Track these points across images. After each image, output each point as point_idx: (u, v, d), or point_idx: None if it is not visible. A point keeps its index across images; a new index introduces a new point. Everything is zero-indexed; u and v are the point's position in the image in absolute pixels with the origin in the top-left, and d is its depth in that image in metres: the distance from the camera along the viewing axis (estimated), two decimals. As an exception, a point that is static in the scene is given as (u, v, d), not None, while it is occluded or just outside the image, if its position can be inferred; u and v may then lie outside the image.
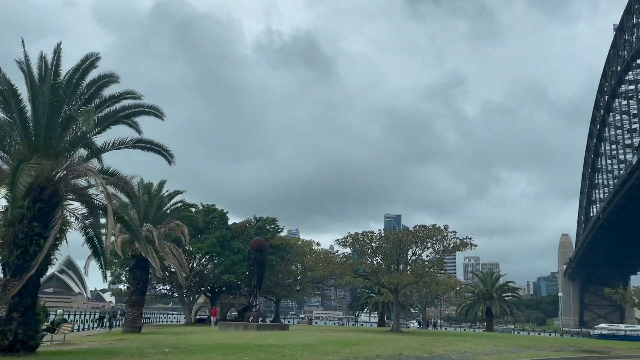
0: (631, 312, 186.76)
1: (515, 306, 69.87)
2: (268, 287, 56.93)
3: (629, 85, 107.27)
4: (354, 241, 40.30)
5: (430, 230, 38.86)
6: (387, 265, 40.59)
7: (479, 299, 67.53)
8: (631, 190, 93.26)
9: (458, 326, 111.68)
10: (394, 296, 41.37)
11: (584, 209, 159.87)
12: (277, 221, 58.05)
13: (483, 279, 69.96)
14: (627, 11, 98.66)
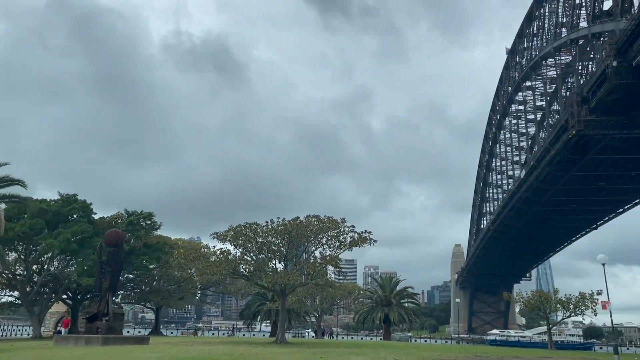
0: (514, 318, 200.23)
1: (414, 313, 68.70)
2: (144, 295, 51.48)
3: (518, 105, 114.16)
4: (236, 235, 34.66)
5: (325, 223, 34.42)
6: (274, 263, 35.91)
7: (377, 306, 65.47)
8: (518, 203, 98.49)
9: (356, 335, 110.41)
10: (281, 300, 36.97)
11: (475, 221, 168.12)
12: (153, 216, 51.16)
13: (382, 284, 67.92)
14: (519, 35, 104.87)
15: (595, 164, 73.40)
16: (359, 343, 45.86)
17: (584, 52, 69.56)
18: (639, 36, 43.64)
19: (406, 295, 68.90)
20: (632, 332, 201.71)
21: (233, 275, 36.84)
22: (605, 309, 23.51)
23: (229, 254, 35.36)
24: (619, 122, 54.52)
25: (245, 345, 30.40)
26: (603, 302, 23.87)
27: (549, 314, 40.09)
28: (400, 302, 66.05)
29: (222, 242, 35.53)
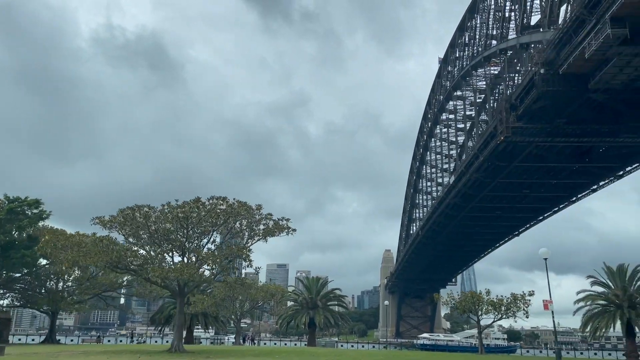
0: (439, 322, 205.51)
1: (341, 316, 65.73)
2: (33, 297, 45.46)
3: (449, 114, 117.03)
4: (125, 220, 28.74)
5: (234, 208, 29.21)
6: (171, 255, 30.05)
7: (302, 309, 61.96)
8: (447, 208, 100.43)
9: (280, 340, 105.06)
10: (178, 301, 31.56)
11: (405, 227, 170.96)
12: (41, 204, 44.28)
13: (308, 286, 64.15)
14: (452, 45, 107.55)
15: (520, 172, 75.79)
16: (276, 350, 42.10)
17: (512, 64, 71.84)
18: (565, 46, 45.00)
19: (333, 298, 66.08)
20: (547, 335, 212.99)
21: (117, 269, 30.94)
22: (547, 309, 22.81)
23: (111, 242, 29.55)
24: (544, 130, 56.22)
25: (128, 355, 26.91)
26: (545, 302, 23.14)
27: (480, 316, 39.24)
28: (327, 305, 63.28)
29: (108, 229, 29.89)
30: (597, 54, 39.92)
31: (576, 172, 75.59)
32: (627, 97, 50.56)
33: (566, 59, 44.64)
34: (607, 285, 36.47)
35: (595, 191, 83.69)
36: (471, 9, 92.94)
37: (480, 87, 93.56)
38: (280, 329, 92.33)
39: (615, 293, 34.57)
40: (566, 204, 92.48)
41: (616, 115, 54.36)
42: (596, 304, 37.05)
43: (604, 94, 49.57)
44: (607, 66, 42.01)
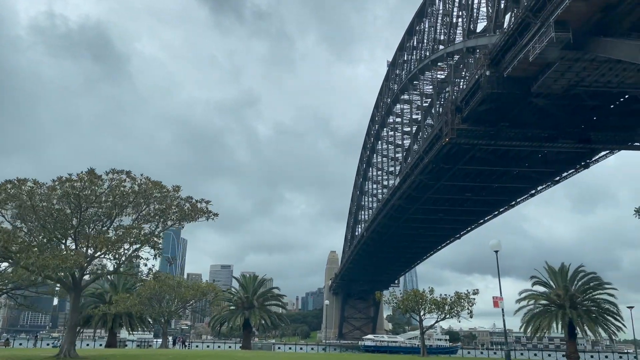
0: (382, 323, 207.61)
1: (279, 317, 62.03)
2: None
3: (396, 117, 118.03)
4: (7, 197, 23.92)
5: (143, 186, 25.25)
6: (63, 241, 25.60)
7: (237, 309, 57.60)
8: (391, 210, 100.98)
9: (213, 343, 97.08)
10: (71, 296, 27.08)
11: (351, 228, 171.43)
12: None
13: (244, 285, 59.60)
14: (400, 48, 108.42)
15: (463, 175, 76.98)
16: (200, 354, 38.71)
17: (458, 69, 72.89)
18: (510, 48, 45.61)
19: (271, 297, 62.39)
20: (484, 335, 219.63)
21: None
22: (497, 306, 21.76)
23: None
24: (488, 132, 57.00)
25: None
26: (495, 298, 21.84)
27: (423, 316, 38.22)
28: (265, 305, 59.56)
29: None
30: (540, 58, 40.52)
31: (516, 176, 77.49)
32: (566, 103, 52.00)
33: (511, 61, 45.25)
34: (549, 285, 36.52)
35: (534, 196, 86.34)
36: (420, 13, 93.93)
37: (427, 92, 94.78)
38: (212, 330, 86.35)
39: (557, 293, 34.66)
40: (506, 208, 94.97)
41: (555, 121, 55.80)
42: (538, 304, 36.93)
43: (545, 98, 50.71)
44: (550, 70, 42.82)
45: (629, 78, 44.92)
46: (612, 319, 34.61)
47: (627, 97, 52.08)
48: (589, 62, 40.95)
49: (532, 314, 36.79)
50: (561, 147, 59.35)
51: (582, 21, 37.06)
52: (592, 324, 33.45)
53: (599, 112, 54.91)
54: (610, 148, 60.54)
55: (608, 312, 34.54)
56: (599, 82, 45.87)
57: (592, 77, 44.89)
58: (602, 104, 52.75)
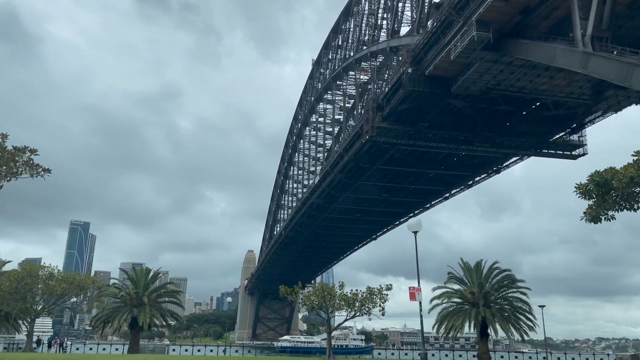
0: (297, 324, 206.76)
1: (174, 315, 55.29)
2: None
3: (319, 117, 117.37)
4: None
5: None
6: None
7: (124, 306, 50.33)
8: (310, 209, 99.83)
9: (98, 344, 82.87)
10: None
11: (269, 228, 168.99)
12: None
13: (134, 279, 52.10)
14: (325, 46, 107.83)
15: (381, 175, 77.16)
16: (67, 358, 34.28)
17: (381, 71, 73.04)
18: (433, 47, 45.56)
19: (166, 293, 55.53)
20: (395, 336, 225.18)
21: None
22: (414, 299, 19.45)
23: None
24: (407, 132, 57.03)
25: None
26: (412, 289, 19.25)
27: (332, 313, 35.85)
28: (158, 302, 53.27)
29: None
30: (461, 57, 40.57)
31: (432, 179, 78.88)
32: (483, 106, 53.00)
33: (433, 60, 45.20)
34: (464, 283, 35.93)
35: (447, 199, 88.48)
36: (346, 12, 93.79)
37: (350, 93, 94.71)
38: (94, 330, 73.92)
39: (471, 291, 33.94)
40: (421, 210, 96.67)
41: (472, 124, 56.83)
42: (452, 302, 36.07)
43: (463, 101, 51.34)
44: (469, 71, 43.09)
45: (541, 85, 46.33)
46: (524, 318, 34.55)
47: (538, 105, 53.91)
48: (506, 64, 41.57)
49: (445, 313, 35.69)
50: (476, 151, 60.57)
51: (502, 22, 37.40)
52: (505, 323, 33.08)
53: (512, 117, 56.55)
54: (521, 154, 62.66)
55: (521, 311, 34.52)
56: (514, 87, 46.95)
57: (509, 81, 45.83)
58: (516, 109, 54.30)
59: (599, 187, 11.23)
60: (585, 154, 60.21)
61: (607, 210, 11.59)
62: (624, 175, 10.89)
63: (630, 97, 46.19)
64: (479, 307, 32.20)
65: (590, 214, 12.04)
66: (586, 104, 50.06)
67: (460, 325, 32.85)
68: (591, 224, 12.48)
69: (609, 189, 11.29)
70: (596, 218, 12.19)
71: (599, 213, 11.70)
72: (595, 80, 45.28)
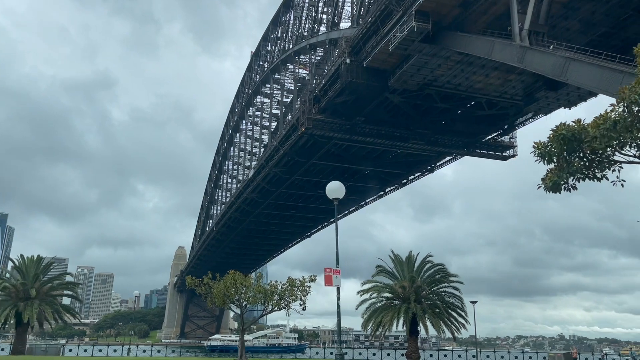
0: (227, 323, 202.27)
1: (70, 311, 50.12)
2: None
3: (256, 110, 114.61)
4: None
5: None
6: None
7: (10, 299, 44.54)
8: (244, 204, 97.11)
9: None
10: None
11: (202, 223, 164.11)
12: None
13: (22, 270, 46.10)
14: (264, 38, 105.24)
15: (317, 170, 75.87)
16: None
17: (320, 66, 71.74)
18: (372, 37, 44.57)
19: (60, 286, 50.14)
20: (326, 334, 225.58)
21: None
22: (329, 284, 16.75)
23: None
24: (344, 126, 55.92)
25: None
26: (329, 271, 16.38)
27: (245, 307, 32.03)
28: (52, 295, 47.91)
29: None
30: (400, 48, 39.77)
31: (368, 176, 78.48)
32: (420, 102, 52.76)
33: (372, 50, 44.21)
34: (395, 276, 34.20)
35: (382, 197, 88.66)
36: (286, 3, 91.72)
37: (288, 87, 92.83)
38: None
39: (402, 285, 32.22)
40: (356, 208, 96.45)
41: (408, 121, 56.57)
42: (381, 297, 34.11)
43: (401, 96, 50.82)
44: (407, 64, 42.43)
45: (477, 82, 46.52)
46: (456, 315, 33.17)
47: (473, 104, 54.32)
48: (444, 59, 41.21)
49: (374, 309, 33.63)
50: (411, 148, 60.46)
51: (442, 14, 36.91)
52: (437, 319, 31.58)
53: (448, 116, 56.83)
54: (455, 153, 63.24)
55: (453, 307, 33.13)
56: (450, 84, 46.88)
57: (445, 78, 45.65)
58: (451, 107, 54.48)
59: (565, 143, 9.43)
60: (515, 155, 61.61)
61: (572, 174, 9.71)
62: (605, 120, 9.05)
63: (559, 99, 47.32)
64: (409, 303, 30.50)
65: (551, 180, 10.06)
66: (518, 105, 50.90)
67: (389, 321, 30.96)
68: (550, 192, 10.40)
69: (574, 149, 9.59)
70: (557, 186, 10.14)
71: (561, 178, 9.81)
72: (528, 81, 46.20)
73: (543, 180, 9.95)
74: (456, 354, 51.89)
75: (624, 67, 23.35)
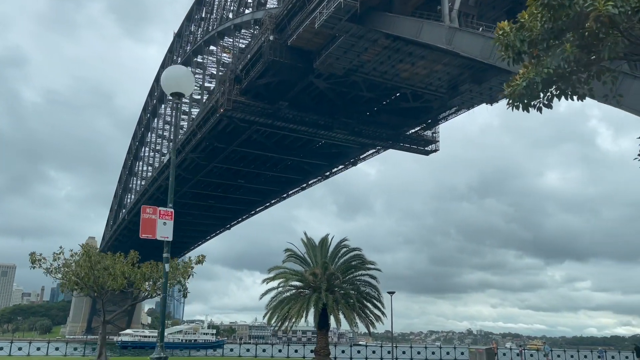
0: (139, 317, 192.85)
1: None
2: None
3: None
4: None
5: None
6: None
7: None
8: (158, 191, 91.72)
9: None
10: None
11: (114, 212, 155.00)
12: None
13: None
14: (188, 18, 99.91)
15: (238, 158, 72.58)
16: None
17: (244, 52, 68.32)
18: (297, 13, 42.10)
19: None
20: (243, 329, 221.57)
21: None
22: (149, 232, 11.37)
23: None
24: (266, 110, 53.19)
25: None
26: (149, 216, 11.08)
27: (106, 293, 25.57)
28: None
29: None
30: (326, 26, 37.64)
31: (290, 167, 76.17)
32: (345, 90, 51.10)
33: (297, 28, 41.77)
34: (306, 262, 30.96)
35: (305, 189, 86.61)
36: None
37: (211, 71, 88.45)
38: None
39: (313, 272, 29.06)
40: (277, 200, 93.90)
41: (333, 109, 54.82)
42: (290, 285, 30.71)
43: (326, 81, 48.93)
44: (333, 45, 40.42)
45: (403, 72, 45.41)
46: (372, 306, 30.35)
47: (398, 95, 53.48)
48: (371, 42, 39.58)
49: (280, 299, 30.00)
50: (335, 138, 58.81)
51: (371, -8, 35.15)
52: (350, 311, 28.54)
53: (373, 106, 55.71)
54: (379, 145, 62.34)
55: (369, 298, 30.32)
56: (377, 71, 45.47)
57: (372, 64, 44.15)
58: (377, 97, 53.32)
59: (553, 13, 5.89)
60: (437, 150, 61.68)
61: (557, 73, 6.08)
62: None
63: (482, 94, 47.34)
64: (320, 292, 27.47)
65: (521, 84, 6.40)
66: (442, 98, 50.55)
67: (296, 313, 27.66)
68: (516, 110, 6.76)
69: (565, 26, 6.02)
70: (529, 96, 6.48)
71: (538, 76, 6.12)
72: (454, 73, 45.73)
73: (509, 88, 6.62)
74: (370, 349, 50.38)
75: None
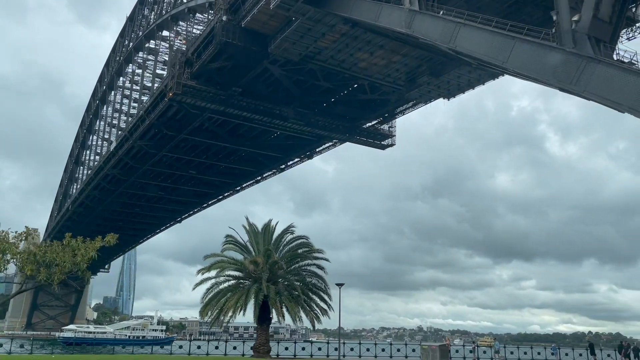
0: (83, 313, 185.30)
1: None
2: None
3: (128, 82, 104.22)
4: None
5: None
6: None
7: None
8: (104, 181, 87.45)
9: None
10: None
11: (59, 203, 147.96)
12: None
13: None
14: (140, 2, 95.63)
15: (189, 147, 69.87)
16: None
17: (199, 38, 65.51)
18: (252, -6, 40.08)
19: None
20: (193, 325, 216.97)
21: None
22: None
23: None
24: (219, 96, 50.88)
25: None
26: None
27: None
28: None
29: None
30: (282, 8, 35.83)
31: (244, 158, 73.94)
32: (302, 78, 49.52)
33: (251, 8, 39.76)
34: (248, 250, 28.44)
35: (259, 182, 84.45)
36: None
37: (164, 58, 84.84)
38: None
39: (254, 260, 26.54)
40: (231, 192, 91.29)
41: (289, 98, 53.10)
42: (228, 275, 28.04)
43: (282, 68, 47.17)
44: (290, 29, 38.69)
45: (361, 61, 44.21)
46: (318, 299, 28.16)
47: (356, 86, 52.29)
48: (329, 27, 38.06)
49: (217, 291, 27.23)
50: (290, 128, 57.12)
51: (330, -27, 33.61)
52: (294, 304, 26.23)
53: (330, 96, 54.31)
54: (335, 137, 61.02)
55: (315, 289, 28.03)
56: (334, 60, 44.09)
57: (329, 52, 42.73)
58: (335, 88, 51.88)
59: None
60: (393, 144, 60.90)
61: None
62: None
63: (440, 87, 46.72)
64: (261, 283, 24.91)
65: None
66: (400, 91, 49.68)
67: (233, 306, 25.10)
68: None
69: None
70: None
71: None
72: (412, 64, 44.88)
73: None
74: (316, 346, 48.73)
75: (516, 34, 21.66)
